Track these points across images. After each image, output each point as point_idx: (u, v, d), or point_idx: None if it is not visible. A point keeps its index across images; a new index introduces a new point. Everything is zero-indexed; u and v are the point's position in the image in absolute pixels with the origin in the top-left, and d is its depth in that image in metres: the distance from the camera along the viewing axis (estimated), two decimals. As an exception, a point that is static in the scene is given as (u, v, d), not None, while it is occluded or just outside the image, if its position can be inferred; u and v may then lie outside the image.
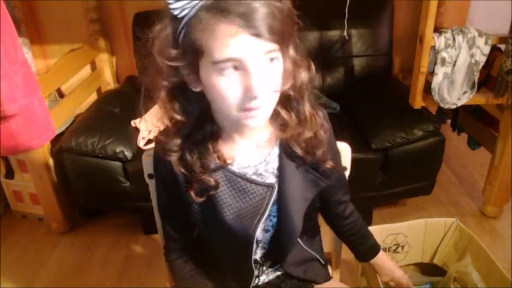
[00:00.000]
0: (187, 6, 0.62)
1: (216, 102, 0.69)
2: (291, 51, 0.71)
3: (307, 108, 0.77)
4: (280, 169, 0.81)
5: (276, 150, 0.81)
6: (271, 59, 0.65)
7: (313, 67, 0.76)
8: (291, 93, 0.74)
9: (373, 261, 1.03)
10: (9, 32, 1.25)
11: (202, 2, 0.62)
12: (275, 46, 0.64)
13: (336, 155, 0.92)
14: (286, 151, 0.80)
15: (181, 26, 0.64)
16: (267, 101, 0.67)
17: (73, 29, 2.24)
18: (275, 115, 0.76)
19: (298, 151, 0.79)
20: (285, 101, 0.76)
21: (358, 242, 1.01)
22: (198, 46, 0.63)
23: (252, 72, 0.63)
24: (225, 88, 0.65)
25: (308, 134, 0.78)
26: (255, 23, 0.60)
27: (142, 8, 2.11)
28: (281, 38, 0.63)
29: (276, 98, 0.70)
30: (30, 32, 2.22)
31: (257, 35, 0.61)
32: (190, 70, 0.67)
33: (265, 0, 0.61)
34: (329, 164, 0.82)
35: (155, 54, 0.66)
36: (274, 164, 0.82)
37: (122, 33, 2.30)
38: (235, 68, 0.64)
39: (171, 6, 0.62)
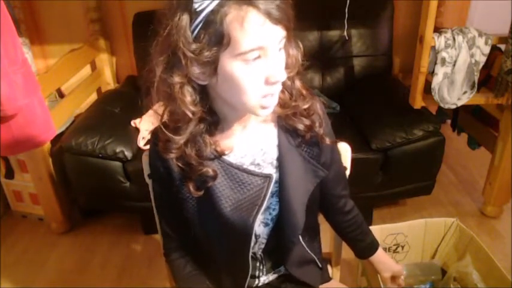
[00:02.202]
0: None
1: (233, 93, 0.69)
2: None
3: (298, 83, 0.79)
4: (280, 159, 0.81)
5: (274, 140, 0.82)
6: (280, 46, 0.68)
7: (301, 45, 0.77)
8: (290, 74, 0.76)
9: (372, 258, 1.03)
10: (9, 32, 1.25)
11: None
12: (286, 32, 0.67)
13: (336, 149, 0.93)
14: (285, 139, 0.81)
15: (199, 19, 0.63)
16: (280, 86, 0.71)
17: (73, 29, 2.24)
18: None
19: (299, 126, 0.80)
20: None
21: (358, 239, 1.01)
22: (223, 38, 0.63)
23: (274, 59, 0.66)
24: (248, 77, 0.66)
25: (304, 105, 0.80)
26: (276, 11, 0.63)
27: (142, 8, 2.11)
28: (291, 24, 0.66)
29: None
30: (30, 32, 2.22)
31: (278, 22, 0.63)
32: (206, 63, 0.66)
33: None
34: (328, 140, 0.84)
35: (181, 48, 0.64)
36: (273, 154, 0.82)
37: (122, 33, 2.30)
38: (258, 56, 0.66)
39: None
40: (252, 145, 0.81)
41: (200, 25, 0.64)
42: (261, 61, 0.66)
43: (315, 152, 0.84)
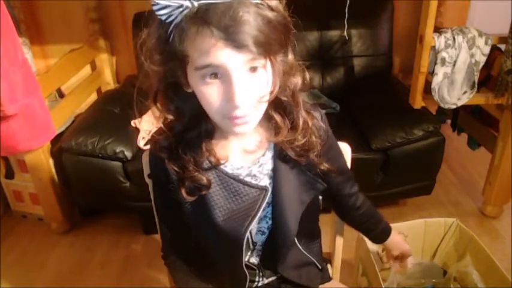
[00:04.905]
0: (173, 12, 0.61)
1: (203, 107, 0.69)
2: (289, 57, 0.70)
3: (301, 114, 0.76)
4: (275, 171, 0.81)
5: (270, 152, 0.81)
6: (255, 69, 0.64)
7: (307, 75, 0.75)
8: (284, 98, 0.74)
9: (387, 241, 1.04)
10: (9, 32, 1.25)
11: (186, 11, 0.61)
12: (260, 57, 0.62)
13: (338, 156, 0.92)
14: (280, 153, 0.80)
15: (169, 31, 0.63)
16: (252, 110, 0.67)
17: (73, 29, 2.24)
18: (268, 119, 0.76)
19: (291, 154, 0.79)
20: (279, 105, 0.75)
21: (372, 228, 1.03)
22: (182, 53, 0.63)
23: (234, 82, 0.62)
24: (208, 95, 0.65)
25: (301, 141, 0.77)
26: (236, 36, 0.59)
27: (142, 8, 2.11)
28: (268, 49, 0.62)
29: (263, 106, 0.70)
30: (30, 32, 2.22)
31: (239, 47, 0.59)
32: (180, 72, 0.68)
33: (253, 10, 0.59)
34: (324, 166, 0.82)
35: (142, 59, 0.67)
36: (269, 165, 0.81)
37: (122, 33, 2.30)
38: (217, 76, 0.63)
39: (158, 12, 0.62)
40: (248, 156, 0.80)
41: (170, 37, 0.64)
42: (220, 81, 0.63)
43: (312, 164, 0.82)
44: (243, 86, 0.63)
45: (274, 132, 0.77)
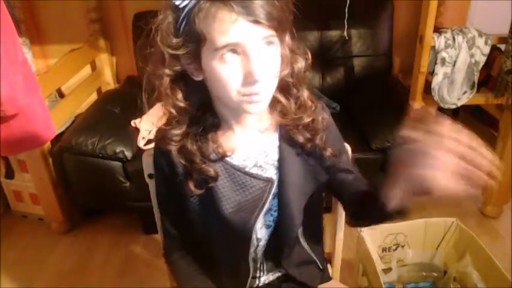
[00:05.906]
0: None
1: (217, 89, 0.70)
2: (288, 39, 0.73)
3: (305, 94, 0.79)
4: (281, 161, 0.81)
5: (275, 141, 0.82)
6: (269, 45, 0.67)
7: (309, 55, 0.77)
8: (290, 80, 0.76)
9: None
10: (9, 32, 1.25)
11: None
12: (273, 32, 0.65)
13: (343, 151, 0.92)
14: (286, 142, 0.81)
15: (182, 16, 0.65)
16: (266, 86, 0.69)
17: (73, 29, 2.24)
18: (274, 102, 0.77)
19: (299, 138, 0.80)
20: (284, 87, 0.77)
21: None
22: (199, 34, 0.65)
23: (252, 57, 0.65)
24: (227, 74, 0.66)
25: (307, 119, 0.78)
26: (253, 10, 0.62)
27: (142, 8, 2.11)
28: (279, 24, 0.65)
29: (274, 84, 0.72)
30: (30, 32, 2.22)
31: (256, 21, 0.62)
32: (192, 59, 0.69)
33: None
34: (329, 152, 0.83)
35: (158, 43, 0.68)
36: (274, 155, 0.82)
37: (122, 33, 2.30)
38: (236, 53, 0.65)
39: None
40: (254, 147, 0.81)
41: (184, 21, 0.66)
42: (238, 59, 0.65)
43: (317, 153, 0.83)
44: (260, 60, 0.65)
45: (281, 115, 0.79)
